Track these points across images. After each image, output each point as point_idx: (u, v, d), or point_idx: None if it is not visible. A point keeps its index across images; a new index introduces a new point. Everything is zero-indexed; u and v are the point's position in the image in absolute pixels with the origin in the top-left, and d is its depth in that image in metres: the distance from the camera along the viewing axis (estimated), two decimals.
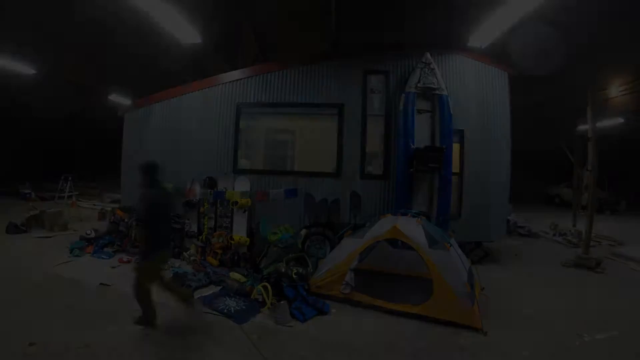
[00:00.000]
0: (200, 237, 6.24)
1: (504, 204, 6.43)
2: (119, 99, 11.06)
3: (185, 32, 5.64)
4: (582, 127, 10.16)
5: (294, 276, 4.55)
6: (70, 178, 9.34)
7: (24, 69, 8.08)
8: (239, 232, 6.15)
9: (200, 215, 6.40)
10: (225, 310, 4.01)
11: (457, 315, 3.74)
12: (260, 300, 4.26)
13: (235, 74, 6.60)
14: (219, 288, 4.66)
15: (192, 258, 5.77)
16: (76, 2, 7.08)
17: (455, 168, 6.27)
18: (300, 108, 6.56)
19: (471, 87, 6.33)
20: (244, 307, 4.13)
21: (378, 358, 3.23)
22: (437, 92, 5.76)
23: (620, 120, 10.53)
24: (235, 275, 5.04)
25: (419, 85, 5.75)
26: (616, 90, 9.71)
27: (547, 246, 8.44)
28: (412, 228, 4.23)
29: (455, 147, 6.31)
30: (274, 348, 3.31)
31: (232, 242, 5.91)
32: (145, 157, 6.78)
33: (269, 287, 4.24)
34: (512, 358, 3.27)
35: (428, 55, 5.83)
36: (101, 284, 4.65)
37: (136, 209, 5.89)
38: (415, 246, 4.09)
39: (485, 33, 5.11)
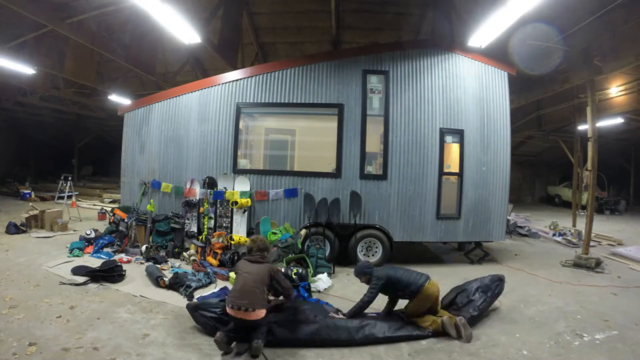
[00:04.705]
0: (200, 237, 6.25)
1: (503, 203, 6.43)
2: (118, 98, 11.04)
3: (185, 31, 5.64)
4: (582, 127, 10.16)
5: (293, 276, 4.55)
6: (70, 178, 9.33)
7: (24, 68, 8.06)
8: (239, 232, 6.15)
9: (200, 215, 6.40)
10: None
11: None
12: None
13: (235, 74, 6.59)
14: (218, 288, 4.66)
15: (192, 258, 5.77)
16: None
17: (455, 168, 6.28)
18: (300, 108, 6.55)
19: (471, 87, 6.33)
20: None
21: (379, 357, 3.23)
22: None
23: (620, 120, 10.52)
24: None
25: None
26: (615, 89, 9.72)
27: (547, 246, 8.46)
28: None
29: (455, 147, 6.32)
30: (274, 348, 3.31)
31: (232, 242, 5.92)
32: (145, 157, 6.87)
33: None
34: (512, 357, 3.27)
35: None
36: (101, 284, 4.65)
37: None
38: None
39: (485, 33, 5.09)
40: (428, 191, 6.14)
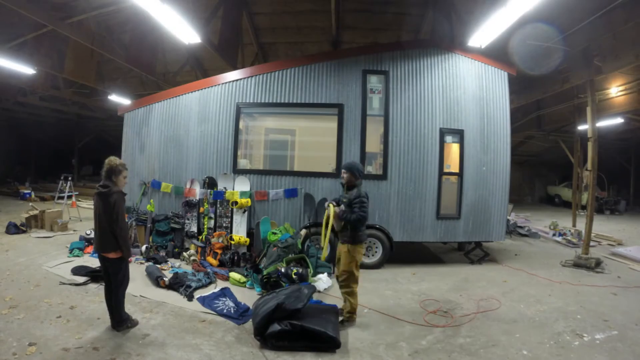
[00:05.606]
0: (200, 237, 6.25)
1: (503, 203, 6.44)
2: (118, 98, 11.05)
3: (185, 31, 5.64)
4: (582, 127, 10.16)
5: (293, 276, 4.56)
6: (70, 178, 9.33)
7: (24, 68, 8.06)
8: (239, 232, 6.15)
9: (200, 215, 6.40)
10: (225, 311, 4.01)
11: None
12: None
13: (235, 74, 6.59)
14: (219, 288, 4.66)
15: (191, 258, 5.77)
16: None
17: (455, 168, 6.28)
18: (300, 108, 6.55)
19: (471, 87, 6.33)
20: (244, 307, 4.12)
21: (379, 357, 3.23)
22: None
23: (620, 120, 10.52)
24: (235, 275, 5.05)
25: None
26: (615, 89, 9.72)
27: (547, 246, 8.45)
28: None
29: (455, 147, 6.33)
30: (275, 351, 3.31)
31: (232, 242, 5.92)
32: (145, 157, 6.87)
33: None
34: (512, 357, 3.27)
35: None
36: (101, 284, 4.65)
37: None
38: None
39: (485, 33, 5.09)
40: (428, 191, 6.14)
